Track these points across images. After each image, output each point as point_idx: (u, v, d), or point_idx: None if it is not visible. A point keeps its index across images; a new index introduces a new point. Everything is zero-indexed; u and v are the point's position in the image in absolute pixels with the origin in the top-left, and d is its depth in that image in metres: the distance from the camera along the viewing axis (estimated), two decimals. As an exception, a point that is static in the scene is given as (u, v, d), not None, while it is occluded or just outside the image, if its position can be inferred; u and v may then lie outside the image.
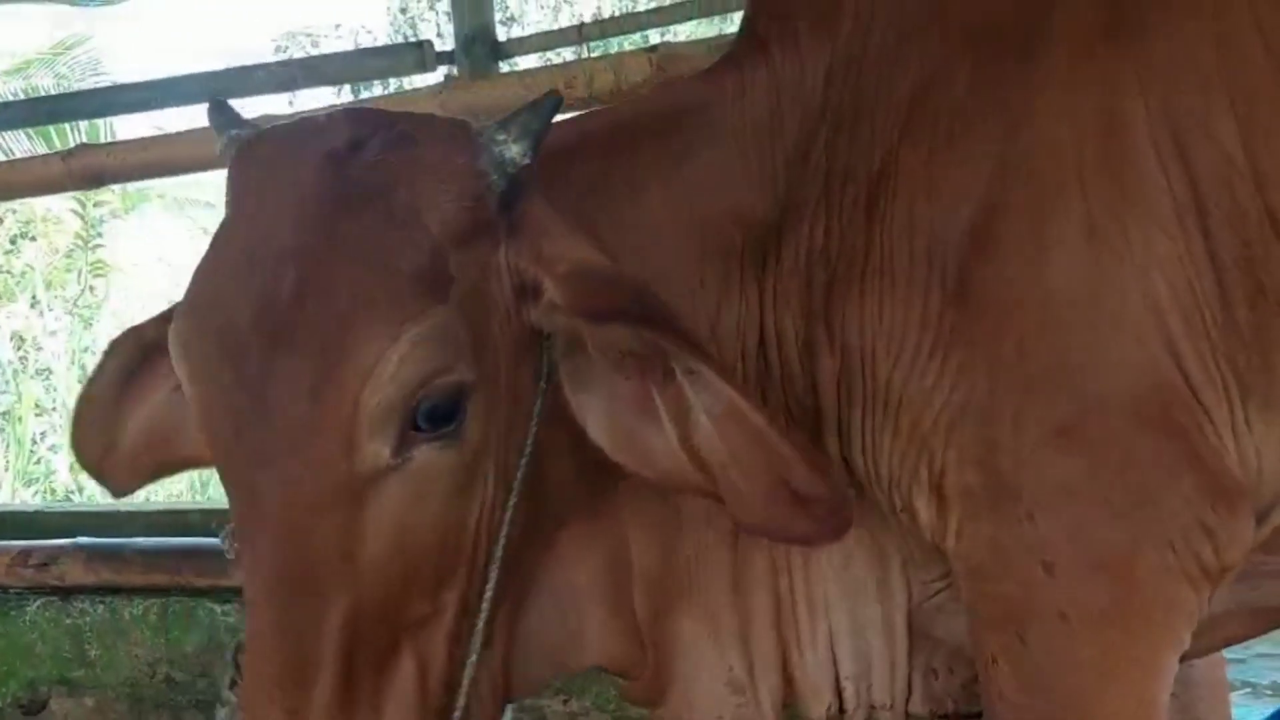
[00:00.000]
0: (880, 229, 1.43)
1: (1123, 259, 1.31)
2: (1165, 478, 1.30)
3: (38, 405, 10.04)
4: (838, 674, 1.57)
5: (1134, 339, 1.31)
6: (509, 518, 1.28)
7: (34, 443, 9.54)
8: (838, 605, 1.54)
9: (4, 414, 9.77)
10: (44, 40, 11.82)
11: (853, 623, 1.55)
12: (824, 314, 1.45)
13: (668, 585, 1.54)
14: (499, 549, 1.28)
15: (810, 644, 1.55)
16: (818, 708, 1.59)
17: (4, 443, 9.50)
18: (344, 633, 1.12)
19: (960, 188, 1.39)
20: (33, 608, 3.03)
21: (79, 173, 2.92)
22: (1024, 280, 1.34)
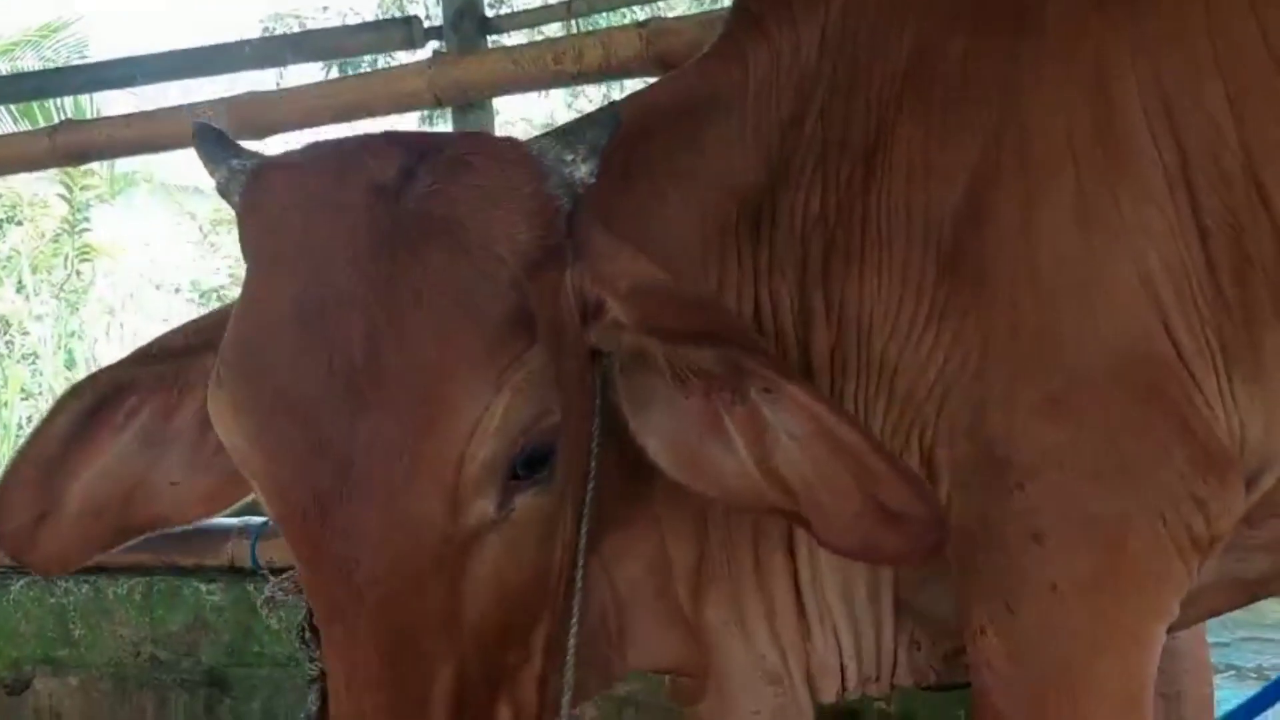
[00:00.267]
0: (877, 200, 1.43)
1: (1114, 230, 1.31)
2: (1156, 449, 1.30)
3: (24, 390, 9.99)
4: (841, 655, 1.57)
5: (1125, 310, 1.31)
6: (583, 545, 1.22)
7: (19, 428, 9.48)
8: (834, 586, 1.54)
9: (-10, 399, 9.71)
10: (30, 22, 11.72)
11: (847, 602, 1.54)
12: (822, 284, 1.45)
13: (701, 579, 1.52)
14: (580, 579, 1.22)
15: (819, 628, 1.55)
16: (830, 690, 1.59)
17: (-11, 428, 9.45)
18: (452, 700, 1.04)
19: (954, 159, 1.40)
20: (16, 587, 3.00)
21: (64, 149, 2.89)
22: (1016, 251, 1.34)
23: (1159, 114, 1.33)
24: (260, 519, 2.75)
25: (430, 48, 3.06)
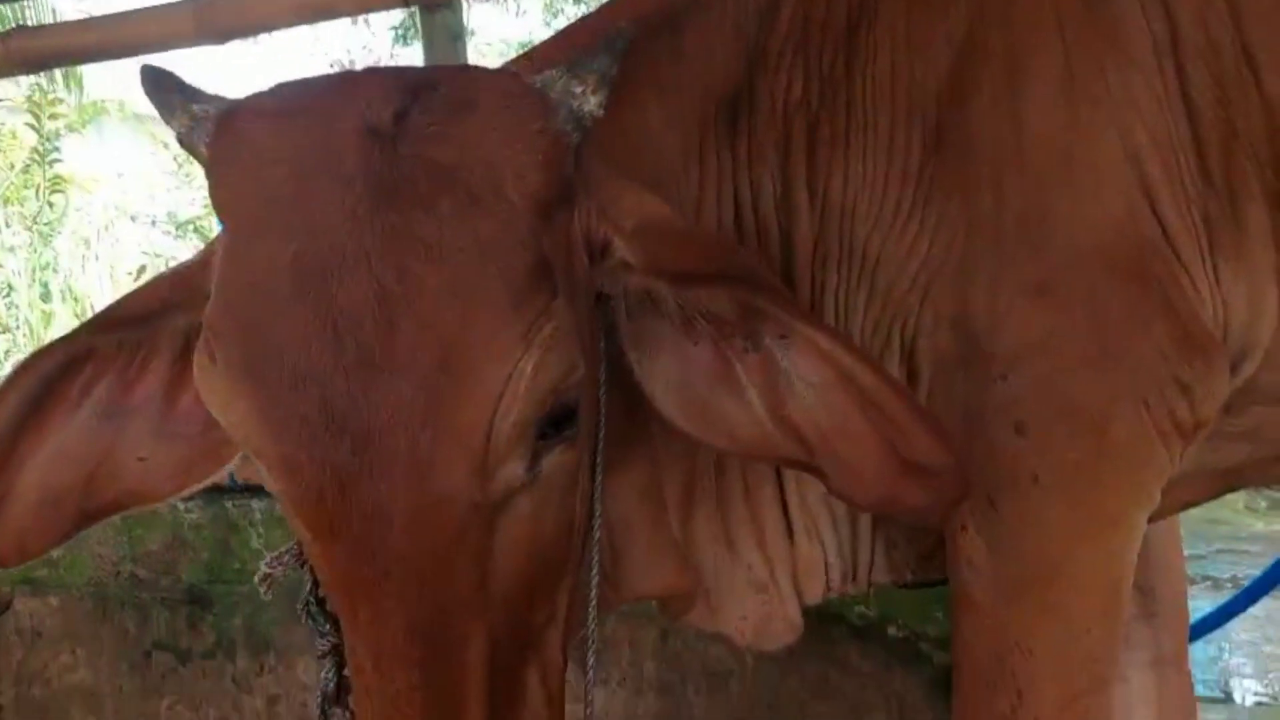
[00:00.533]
0: (860, 81, 1.39)
1: (1101, 103, 1.28)
2: (1140, 332, 1.28)
3: (0, 323, 9.87)
4: (825, 554, 1.56)
5: (1113, 187, 1.27)
6: (598, 494, 1.18)
7: (-3, 363, 9.40)
8: (815, 485, 1.52)
9: (-36, 332, 9.60)
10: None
11: (830, 505, 1.53)
12: (806, 171, 1.40)
13: (692, 504, 1.50)
14: (597, 529, 1.18)
15: (805, 536, 1.53)
16: (814, 591, 1.58)
17: (-35, 361, 9.36)
18: (486, 668, 0.99)
19: (939, 35, 1.35)
20: (-8, 510, 2.97)
21: (19, 55, 2.78)
22: (1001, 126, 1.30)
23: None
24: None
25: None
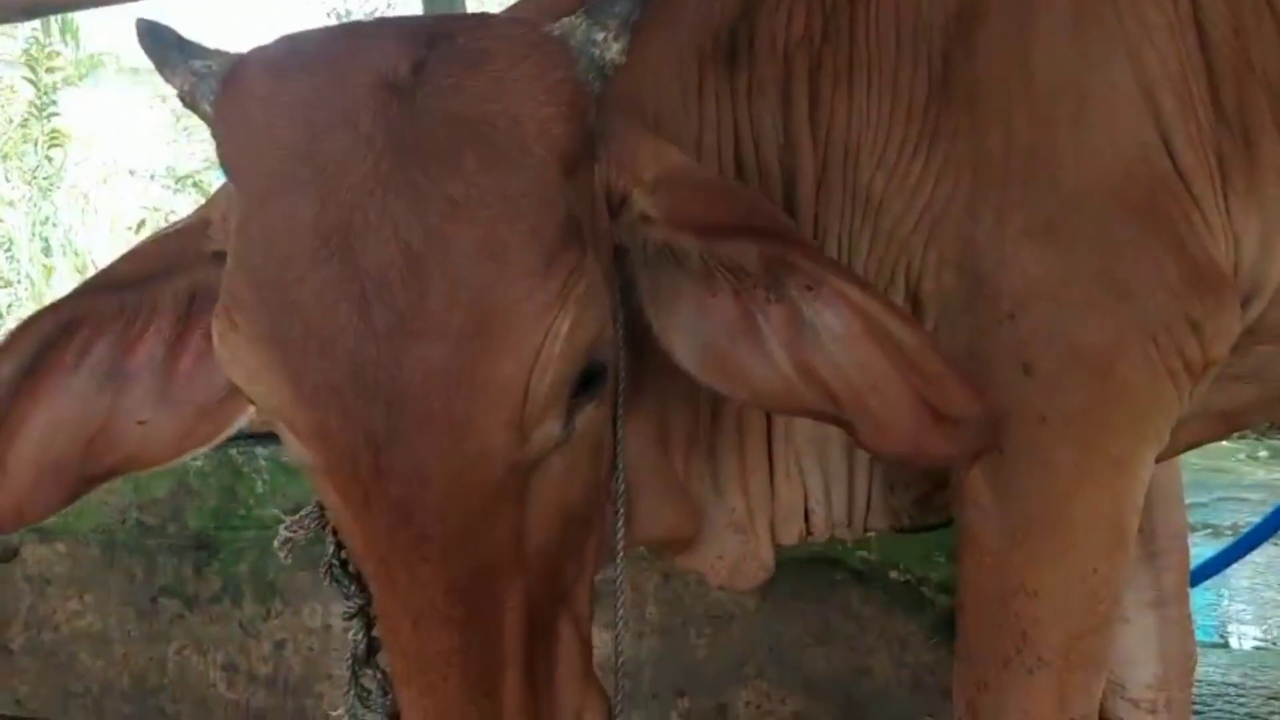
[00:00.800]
0: (865, 16, 1.36)
1: (1113, 35, 1.25)
2: (1150, 269, 1.26)
3: (1, 278, 9.85)
4: (807, 499, 1.55)
5: (1124, 120, 1.25)
6: (621, 447, 1.18)
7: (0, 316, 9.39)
8: (806, 432, 1.51)
9: (-34, 287, 9.59)
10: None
11: (818, 447, 1.52)
12: (808, 109, 1.38)
13: (690, 447, 1.49)
14: (620, 480, 1.18)
15: (784, 475, 1.53)
16: (789, 534, 1.58)
17: (-33, 315, 9.35)
18: (523, 625, 0.99)
19: None
20: None
21: (14, 3, 2.74)
22: (1009, 60, 1.27)
23: None
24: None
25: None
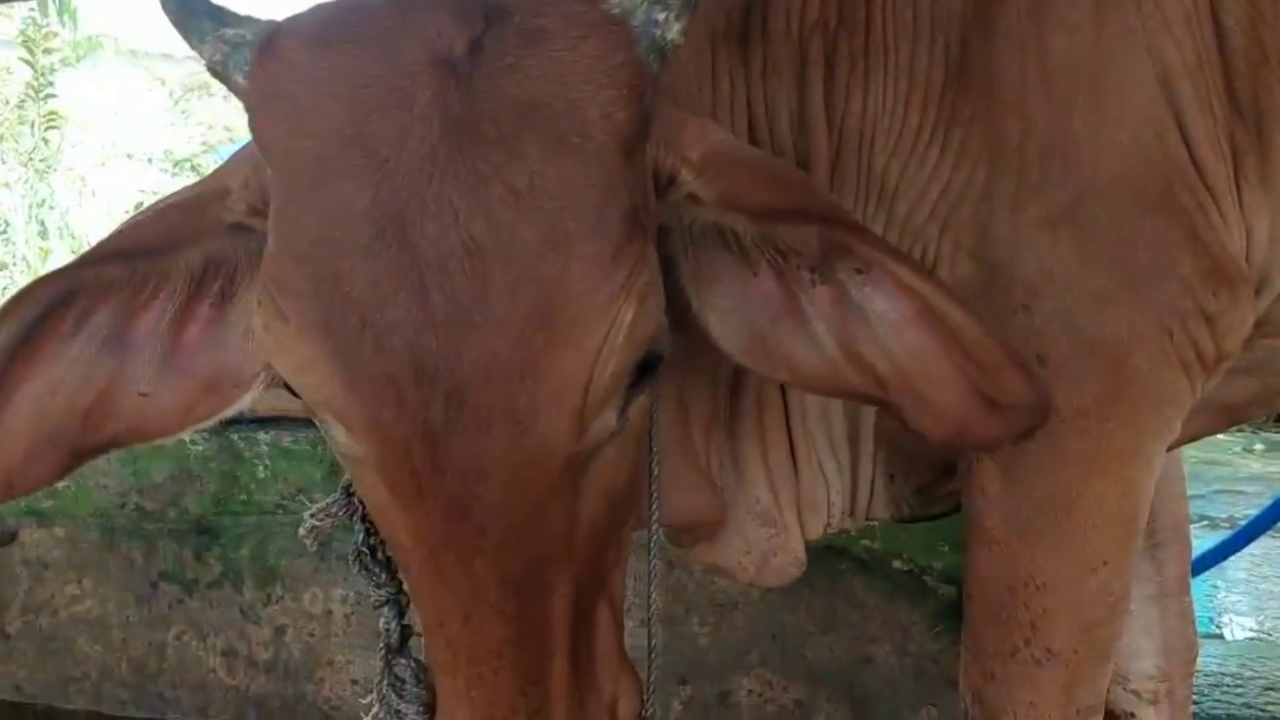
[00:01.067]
0: (883, 2, 1.35)
1: (1131, 23, 1.24)
2: (1165, 261, 1.26)
3: (-3, 261, 9.81)
4: (828, 491, 1.55)
5: (1142, 112, 1.25)
6: (656, 431, 1.16)
7: (-5, 298, 9.36)
8: (817, 421, 1.51)
9: (-38, 269, 9.53)
10: None
11: (828, 437, 1.52)
12: (824, 94, 1.37)
13: (710, 431, 1.48)
14: (655, 463, 1.16)
15: (807, 466, 1.52)
16: (816, 527, 1.57)
17: (-36, 297, 9.30)
18: (570, 613, 0.98)
19: None
20: None
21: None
22: (1026, 47, 1.27)
23: None
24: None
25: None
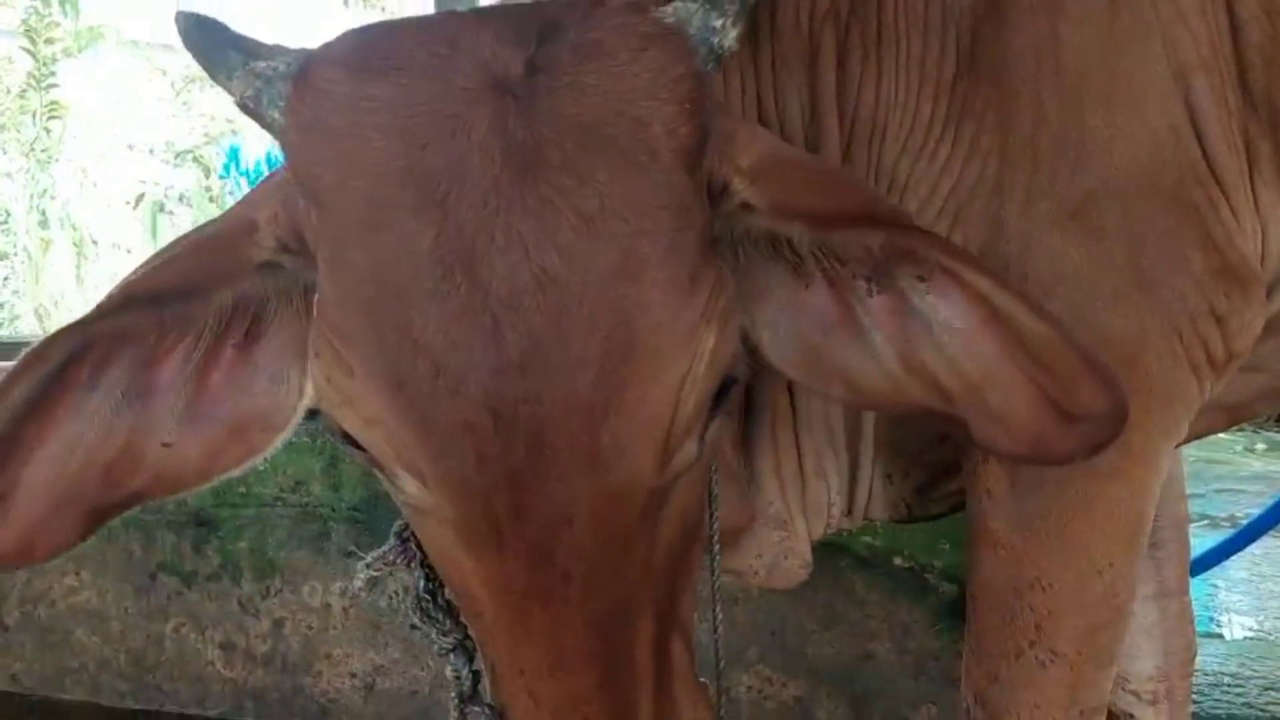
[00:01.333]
0: None
1: (1144, 14, 1.23)
2: (1176, 260, 1.25)
3: (-2, 251, 9.80)
4: (830, 492, 1.54)
5: (1156, 107, 1.23)
6: (714, 451, 1.12)
7: (-5, 291, 9.34)
8: (819, 422, 1.50)
9: (-36, 259, 9.53)
10: None
11: (830, 437, 1.51)
12: (835, 87, 1.35)
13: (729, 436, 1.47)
14: (715, 482, 1.13)
15: (812, 468, 1.52)
16: (819, 528, 1.57)
17: (-35, 288, 9.30)
18: (653, 650, 0.94)
19: None
20: None
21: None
22: (1038, 42, 1.25)
23: None
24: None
25: None
